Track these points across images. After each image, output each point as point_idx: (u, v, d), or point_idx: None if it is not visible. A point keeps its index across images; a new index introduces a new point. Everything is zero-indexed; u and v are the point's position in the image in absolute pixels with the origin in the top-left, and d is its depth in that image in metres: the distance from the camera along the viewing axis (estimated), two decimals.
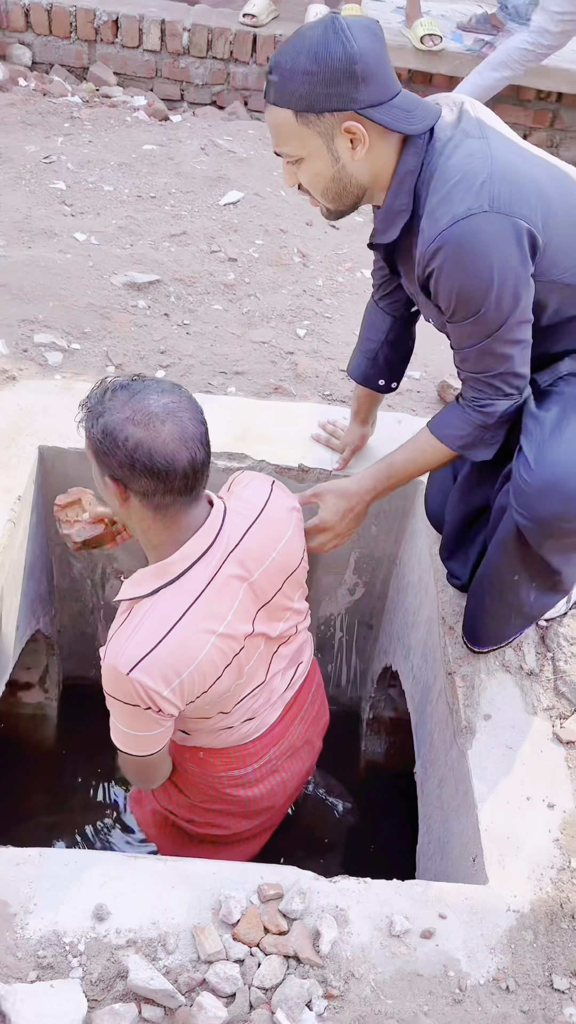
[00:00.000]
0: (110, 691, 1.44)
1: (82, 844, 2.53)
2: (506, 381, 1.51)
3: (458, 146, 1.39)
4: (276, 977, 1.28)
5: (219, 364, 2.50)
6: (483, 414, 1.54)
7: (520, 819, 1.55)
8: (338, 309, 2.79)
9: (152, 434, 1.32)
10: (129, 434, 1.32)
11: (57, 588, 2.54)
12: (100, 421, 1.35)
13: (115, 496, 1.39)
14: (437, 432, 1.63)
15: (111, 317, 2.56)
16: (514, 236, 1.36)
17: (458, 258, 1.37)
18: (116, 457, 1.34)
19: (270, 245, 2.97)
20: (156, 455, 1.32)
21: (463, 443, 1.60)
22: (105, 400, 1.37)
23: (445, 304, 1.44)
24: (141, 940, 1.31)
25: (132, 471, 1.34)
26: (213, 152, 3.41)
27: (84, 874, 1.38)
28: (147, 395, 1.36)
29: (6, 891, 1.35)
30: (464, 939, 1.38)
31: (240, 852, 1.89)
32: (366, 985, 1.31)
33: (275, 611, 1.55)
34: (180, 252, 2.85)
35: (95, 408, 1.37)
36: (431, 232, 1.38)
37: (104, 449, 1.34)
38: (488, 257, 1.36)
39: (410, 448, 1.69)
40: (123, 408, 1.34)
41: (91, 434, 1.37)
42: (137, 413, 1.33)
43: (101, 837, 2.57)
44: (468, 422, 1.57)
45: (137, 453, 1.32)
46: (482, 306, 1.40)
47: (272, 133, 1.42)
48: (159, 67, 4.19)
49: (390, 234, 1.48)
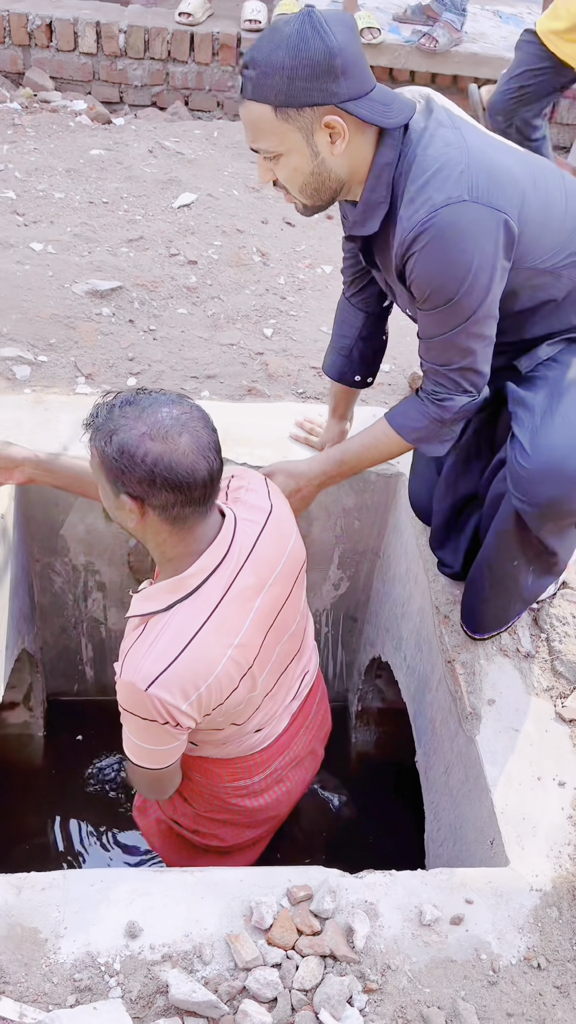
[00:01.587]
0: (127, 707, 1.43)
1: (82, 861, 2.50)
2: (465, 377, 1.53)
3: (433, 136, 1.40)
4: (315, 977, 1.29)
5: (189, 368, 2.48)
6: (441, 408, 1.57)
7: (533, 799, 1.58)
8: (302, 306, 2.79)
9: (171, 447, 1.30)
10: (148, 449, 1.30)
11: (38, 605, 2.51)
12: (115, 439, 1.32)
13: (132, 513, 1.36)
14: (394, 423, 1.65)
15: (76, 327, 2.53)
16: (492, 228, 1.39)
17: (436, 246, 1.38)
18: (135, 474, 1.31)
19: (228, 246, 2.96)
20: (177, 467, 1.31)
21: (418, 436, 1.63)
22: (114, 417, 1.34)
23: (419, 291, 1.46)
24: (176, 954, 1.31)
25: (152, 486, 1.32)
26: (161, 154, 3.38)
27: (112, 892, 1.37)
28: (158, 408, 1.34)
29: (34, 917, 1.33)
30: (492, 922, 1.41)
31: (243, 859, 1.89)
32: (403, 976, 1.33)
33: (288, 615, 1.55)
34: (139, 257, 2.82)
35: (105, 426, 1.34)
36: (411, 220, 1.39)
37: (121, 467, 1.32)
38: (466, 247, 1.38)
39: (366, 437, 1.72)
40: (137, 423, 1.32)
41: (105, 454, 1.33)
42: (153, 427, 1.31)
43: (99, 852, 2.54)
44: (425, 415, 1.59)
45: (158, 467, 1.30)
46: (454, 295, 1.42)
47: (249, 129, 1.41)
48: (96, 70, 4.13)
49: (369, 226, 1.49)
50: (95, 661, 2.72)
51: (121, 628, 2.61)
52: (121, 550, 2.37)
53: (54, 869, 1.39)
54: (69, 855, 2.52)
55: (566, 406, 1.47)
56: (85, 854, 2.53)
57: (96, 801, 2.64)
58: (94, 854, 2.53)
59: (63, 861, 2.49)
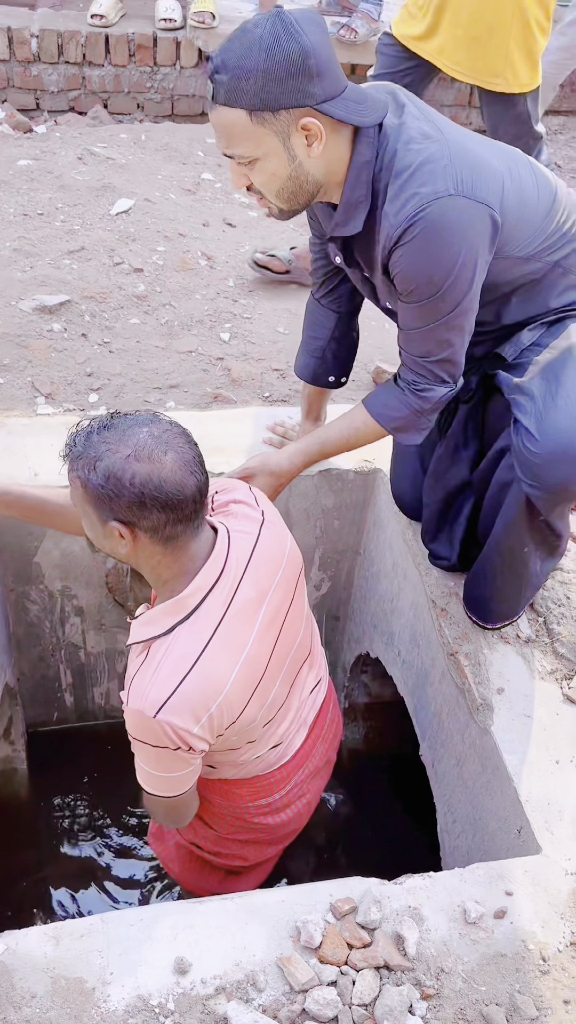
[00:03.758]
0: (137, 736, 1.38)
1: (86, 892, 2.44)
2: (444, 368, 1.55)
3: (410, 130, 1.40)
4: (373, 990, 1.27)
5: (151, 380, 2.43)
6: (420, 399, 1.59)
7: (555, 784, 1.59)
8: (255, 308, 2.76)
9: (158, 466, 1.27)
10: (135, 471, 1.27)
11: (14, 635, 2.42)
12: (100, 466, 1.28)
13: (122, 539, 1.32)
14: (373, 411, 1.66)
15: (28, 345, 2.44)
16: (479, 222, 1.39)
17: (424, 240, 1.38)
18: (124, 499, 1.27)
19: (173, 251, 2.90)
20: (166, 486, 1.28)
21: (397, 424, 1.64)
22: (94, 444, 1.30)
23: (404, 284, 1.46)
24: (230, 984, 1.28)
25: (143, 508, 1.28)
26: (91, 161, 3.29)
27: (154, 930, 1.33)
28: (138, 429, 1.31)
29: (77, 966, 1.28)
30: (535, 910, 1.41)
31: (259, 875, 1.87)
32: (457, 977, 1.32)
33: (293, 623, 1.53)
34: (83, 268, 2.74)
35: (86, 455, 1.30)
36: (398, 215, 1.38)
37: (108, 494, 1.28)
38: (454, 241, 1.38)
39: (344, 426, 1.73)
40: (120, 447, 1.28)
41: (89, 482, 1.29)
42: (136, 449, 1.28)
43: (102, 882, 2.48)
44: (406, 404, 1.61)
45: (147, 488, 1.27)
46: (439, 288, 1.42)
47: (221, 135, 1.37)
48: (10, 76, 4.00)
49: (352, 226, 1.47)
50: (74, 687, 2.65)
51: (100, 650, 2.56)
52: (99, 572, 2.30)
53: (52, 906, 1.34)
54: (67, 889, 2.46)
55: (567, 388, 1.49)
56: (83, 888, 2.47)
57: (86, 831, 2.58)
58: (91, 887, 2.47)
59: (60, 898, 2.42)
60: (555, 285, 1.58)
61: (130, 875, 2.50)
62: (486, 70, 2.60)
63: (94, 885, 2.47)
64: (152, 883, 2.48)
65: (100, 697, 2.68)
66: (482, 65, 2.60)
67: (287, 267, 2.83)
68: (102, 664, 2.58)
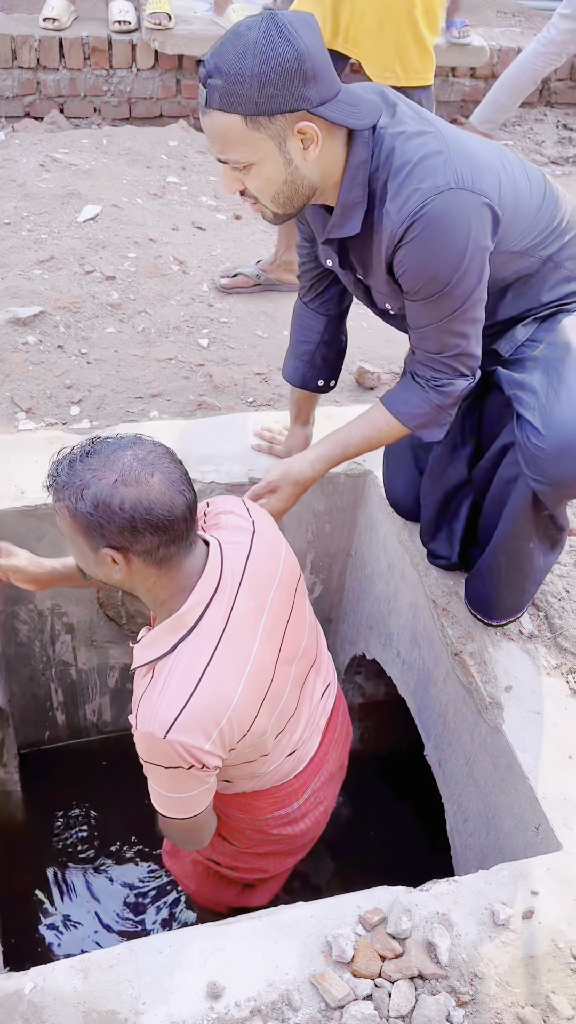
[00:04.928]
0: (148, 758, 1.36)
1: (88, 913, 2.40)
2: (462, 361, 1.54)
3: (405, 128, 1.39)
4: (409, 1001, 1.26)
5: (132, 389, 2.39)
6: (442, 394, 1.57)
7: (570, 779, 1.60)
8: (231, 312, 2.73)
9: (145, 489, 1.26)
10: (123, 496, 1.25)
11: (4, 656, 2.37)
12: (87, 494, 1.25)
13: (115, 565, 1.30)
14: (394, 411, 1.63)
15: (4, 359, 2.39)
16: (481, 213, 1.39)
17: (429, 235, 1.37)
18: (115, 525, 1.25)
19: (144, 256, 2.86)
20: (156, 508, 1.26)
21: (420, 422, 1.62)
22: (78, 472, 1.28)
23: (411, 282, 1.45)
24: (264, 1006, 1.26)
25: (135, 533, 1.26)
26: (54, 168, 3.23)
27: (183, 955, 1.30)
28: (122, 453, 1.29)
29: (109, 999, 1.25)
30: (561, 908, 1.41)
31: (275, 885, 1.85)
32: (491, 982, 1.32)
33: (296, 630, 1.51)
34: (55, 278, 2.69)
35: (71, 484, 1.28)
36: (400, 212, 1.37)
37: (98, 521, 1.26)
38: (459, 235, 1.38)
39: (365, 428, 1.68)
40: (105, 473, 1.26)
41: (78, 511, 1.27)
42: (122, 473, 1.26)
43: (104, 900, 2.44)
44: (427, 401, 1.59)
45: (137, 513, 1.25)
46: (449, 283, 1.42)
47: (215, 141, 1.35)
48: None
49: (350, 227, 1.45)
50: (66, 705, 2.60)
51: (92, 667, 2.52)
52: (89, 588, 2.26)
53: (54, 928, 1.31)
54: (70, 911, 2.42)
55: (568, 382, 1.49)
56: (87, 906, 2.43)
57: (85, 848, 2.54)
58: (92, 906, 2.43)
59: (62, 919, 2.38)
60: (547, 279, 1.58)
61: (133, 890, 2.47)
62: (378, 63, 2.59)
63: (96, 904, 2.44)
64: (155, 898, 2.45)
65: (92, 714, 2.63)
66: (374, 58, 2.59)
67: (256, 280, 2.82)
68: (93, 680, 2.54)
